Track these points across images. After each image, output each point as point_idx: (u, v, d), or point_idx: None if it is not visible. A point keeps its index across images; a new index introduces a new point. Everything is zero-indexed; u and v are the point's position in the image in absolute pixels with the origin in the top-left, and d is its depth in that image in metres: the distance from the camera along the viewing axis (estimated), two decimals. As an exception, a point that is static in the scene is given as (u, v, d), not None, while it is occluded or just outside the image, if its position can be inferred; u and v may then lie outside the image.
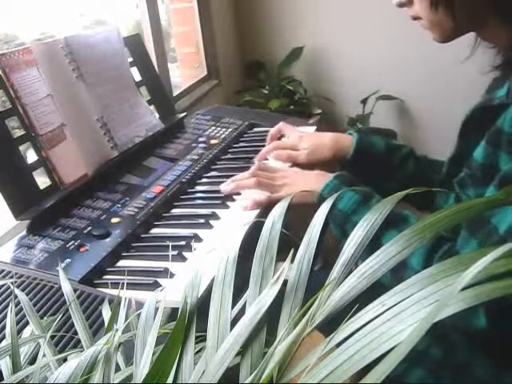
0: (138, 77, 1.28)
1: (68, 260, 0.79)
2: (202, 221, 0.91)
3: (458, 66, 0.81)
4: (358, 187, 0.81)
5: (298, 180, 0.92)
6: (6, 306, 0.65)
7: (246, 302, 0.43)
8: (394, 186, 0.99)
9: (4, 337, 0.54)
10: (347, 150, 1.01)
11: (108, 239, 0.85)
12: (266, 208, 0.91)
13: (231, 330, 0.41)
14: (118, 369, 0.45)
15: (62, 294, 0.56)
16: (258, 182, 0.94)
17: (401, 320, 0.29)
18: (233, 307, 0.44)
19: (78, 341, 0.53)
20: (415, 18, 0.78)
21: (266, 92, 2.39)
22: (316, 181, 0.88)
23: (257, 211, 0.92)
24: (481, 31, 0.78)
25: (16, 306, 0.53)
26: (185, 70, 2.21)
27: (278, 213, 0.48)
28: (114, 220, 0.90)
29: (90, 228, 0.87)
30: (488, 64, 0.80)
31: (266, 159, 1.12)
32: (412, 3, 0.77)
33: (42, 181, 0.95)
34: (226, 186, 0.99)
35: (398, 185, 0.99)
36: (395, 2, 0.79)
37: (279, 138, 1.17)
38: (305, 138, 1.07)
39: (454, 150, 0.89)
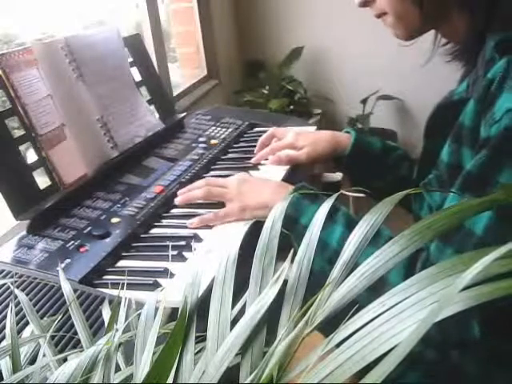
0: (138, 77, 1.28)
1: (68, 260, 0.79)
2: (202, 221, 0.91)
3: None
4: (321, 200, 0.75)
5: (252, 192, 0.87)
6: (6, 306, 0.65)
7: (245, 302, 0.43)
8: (385, 187, 0.98)
9: (4, 337, 0.54)
10: (345, 147, 1.00)
11: (108, 239, 0.85)
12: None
13: (231, 329, 0.40)
14: (118, 369, 0.45)
15: (62, 294, 0.56)
16: (208, 192, 0.90)
17: (401, 320, 0.29)
18: (233, 307, 0.44)
19: (78, 341, 0.53)
20: (380, 16, 0.78)
21: (266, 92, 2.39)
22: (272, 193, 0.83)
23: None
24: (442, 26, 0.77)
25: (16, 306, 0.53)
26: (185, 70, 2.21)
27: (278, 213, 0.48)
28: (114, 220, 0.90)
29: (89, 228, 0.87)
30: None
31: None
32: (374, 0, 0.77)
33: (42, 181, 0.95)
34: (178, 198, 0.94)
35: (390, 186, 0.97)
36: (357, 2, 0.78)
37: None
38: (301, 135, 1.05)
39: (422, 152, 0.87)
